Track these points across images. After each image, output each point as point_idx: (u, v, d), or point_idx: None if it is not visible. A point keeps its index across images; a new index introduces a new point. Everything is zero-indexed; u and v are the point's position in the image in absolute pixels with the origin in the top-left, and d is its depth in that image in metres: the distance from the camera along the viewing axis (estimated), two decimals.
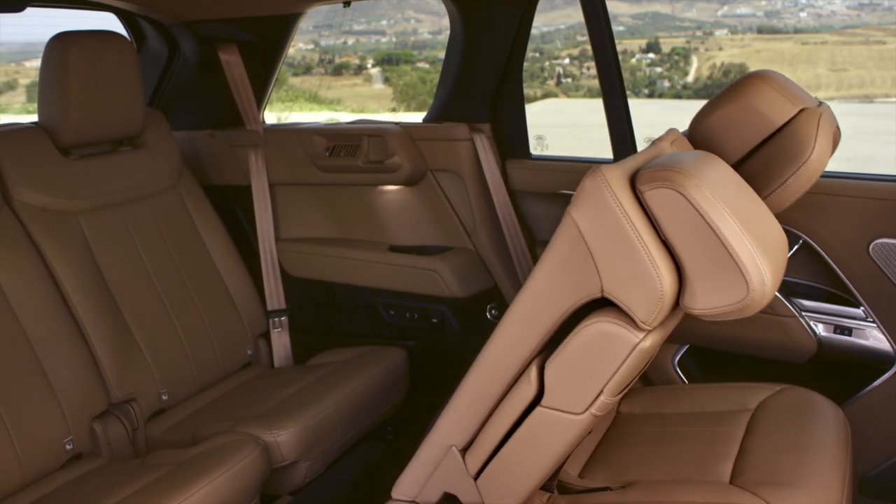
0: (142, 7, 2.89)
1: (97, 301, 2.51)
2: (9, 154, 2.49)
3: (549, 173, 2.87)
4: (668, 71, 13.33)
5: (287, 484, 2.40)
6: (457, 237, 3.01)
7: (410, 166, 2.94)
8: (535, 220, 2.97)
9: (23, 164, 2.50)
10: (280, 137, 3.15)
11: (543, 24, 13.25)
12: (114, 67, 2.60)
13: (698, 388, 2.36)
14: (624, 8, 13.37)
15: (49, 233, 2.49)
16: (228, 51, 3.03)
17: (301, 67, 17.09)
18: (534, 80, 14.04)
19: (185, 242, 2.86)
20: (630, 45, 13.34)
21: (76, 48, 2.51)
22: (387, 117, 3.16)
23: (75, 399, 2.35)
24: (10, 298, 2.31)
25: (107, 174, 2.70)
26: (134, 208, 2.75)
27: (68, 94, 2.52)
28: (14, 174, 2.47)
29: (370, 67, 16.80)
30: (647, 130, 7.80)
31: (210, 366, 2.78)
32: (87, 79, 2.53)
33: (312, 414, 2.39)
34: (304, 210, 3.21)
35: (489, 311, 2.94)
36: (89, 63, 2.53)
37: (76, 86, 2.52)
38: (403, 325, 3.04)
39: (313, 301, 3.17)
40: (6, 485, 2.18)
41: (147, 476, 2.15)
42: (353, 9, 2.98)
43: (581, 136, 4.29)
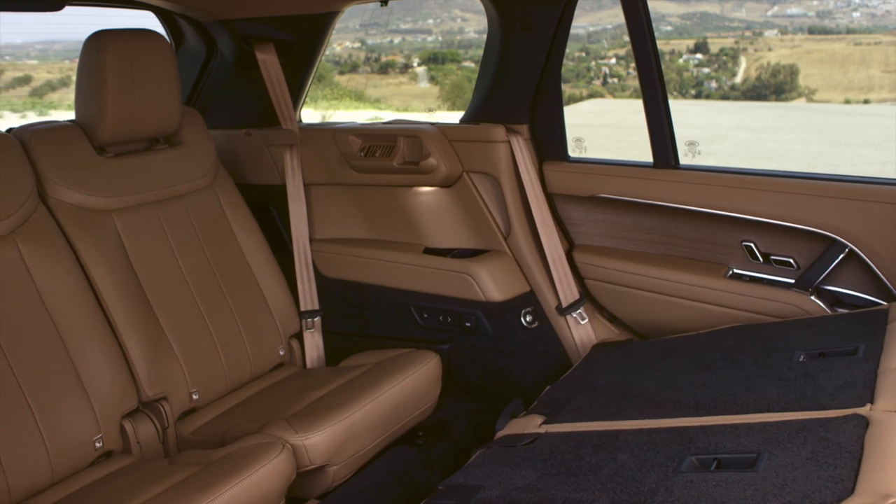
0: (180, 6, 2.89)
1: (130, 299, 2.51)
2: (45, 152, 2.50)
3: (587, 176, 2.81)
4: (715, 72, 13.12)
5: (314, 488, 2.38)
6: (492, 240, 2.96)
7: (446, 168, 2.90)
8: (573, 223, 2.92)
9: (59, 162, 2.51)
10: (315, 137, 3.13)
11: (590, 23, 13.13)
12: (150, 66, 2.60)
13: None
14: (672, 8, 13.19)
15: (84, 230, 2.49)
16: (265, 49, 3.01)
17: (347, 65, 17.18)
18: (579, 79, 13.92)
19: (220, 242, 2.85)
20: (678, 46, 13.16)
21: (113, 46, 2.51)
22: (423, 117, 3.13)
23: (106, 397, 2.35)
24: (44, 296, 2.32)
25: (142, 172, 2.70)
26: (169, 207, 2.75)
27: (104, 93, 2.53)
28: (50, 172, 2.48)
29: (416, 66, 16.82)
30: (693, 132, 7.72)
31: (241, 366, 2.77)
32: (123, 77, 2.53)
33: (341, 417, 2.36)
34: (338, 210, 3.19)
35: (524, 317, 2.89)
36: (126, 61, 2.53)
37: (112, 84, 2.52)
38: (437, 328, 3.00)
39: (346, 302, 3.15)
40: (37, 481, 2.19)
41: (173, 476, 2.14)
42: (399, 7, 2.96)
43: (625, 137, 4.23)
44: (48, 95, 17.77)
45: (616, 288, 2.82)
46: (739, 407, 1.92)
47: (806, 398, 1.88)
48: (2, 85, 18.52)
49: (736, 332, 2.43)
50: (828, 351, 2.11)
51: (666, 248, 2.76)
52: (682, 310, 2.69)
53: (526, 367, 2.89)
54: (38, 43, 19.07)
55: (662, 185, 2.66)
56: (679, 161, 2.68)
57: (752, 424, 1.81)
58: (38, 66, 19.05)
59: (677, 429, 1.90)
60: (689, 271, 2.68)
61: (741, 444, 1.73)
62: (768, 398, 1.93)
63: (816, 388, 1.91)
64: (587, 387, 2.31)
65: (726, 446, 1.75)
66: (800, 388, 1.94)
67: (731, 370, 2.14)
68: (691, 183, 2.61)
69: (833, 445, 1.63)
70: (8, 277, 2.27)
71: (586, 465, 1.83)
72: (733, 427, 1.82)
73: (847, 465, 1.55)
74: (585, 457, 1.87)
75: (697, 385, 2.11)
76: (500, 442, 2.10)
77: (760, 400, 1.93)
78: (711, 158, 9.80)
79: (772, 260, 2.58)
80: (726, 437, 1.78)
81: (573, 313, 2.84)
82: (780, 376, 2.02)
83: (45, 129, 2.56)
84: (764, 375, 2.05)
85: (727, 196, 2.56)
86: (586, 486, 1.75)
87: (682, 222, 2.69)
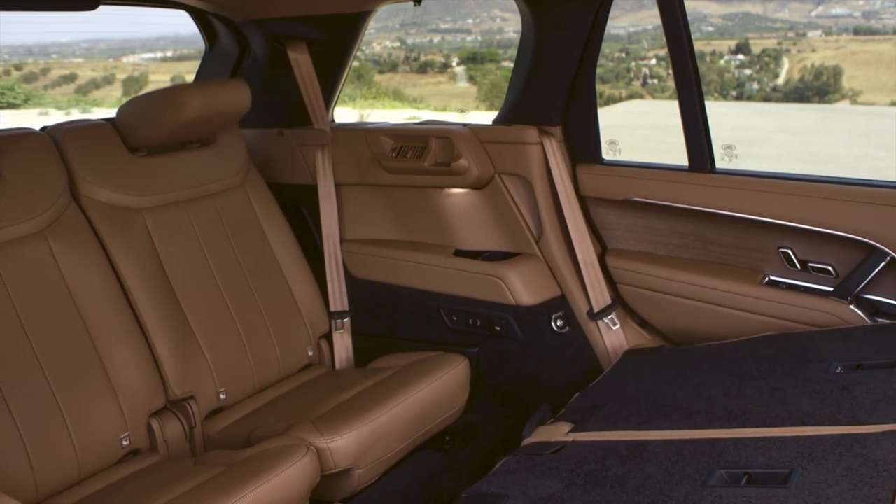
0: (213, 5, 2.89)
1: (159, 298, 2.52)
2: (77, 151, 2.52)
3: (620, 179, 2.76)
4: (757, 73, 12.93)
5: (338, 491, 2.36)
6: (523, 243, 2.92)
7: (478, 169, 2.87)
8: (606, 227, 2.87)
9: (91, 161, 2.53)
10: (347, 137, 3.12)
11: (630, 23, 13.02)
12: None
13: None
14: (713, 8, 13.02)
15: (115, 228, 2.50)
16: (297, 49, 3.01)
17: (386, 65, 17.25)
18: (619, 80, 13.82)
19: (250, 241, 2.85)
20: (719, 46, 12.99)
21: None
22: (456, 118, 3.10)
23: (133, 395, 2.36)
24: (74, 293, 2.33)
25: (174, 171, 2.71)
26: (199, 205, 2.75)
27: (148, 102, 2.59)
28: (82, 170, 2.50)
29: (455, 66, 16.84)
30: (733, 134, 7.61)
31: (269, 366, 2.76)
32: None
33: (367, 421, 2.34)
34: (369, 211, 3.17)
35: (554, 321, 2.85)
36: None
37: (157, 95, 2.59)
38: (466, 331, 2.97)
39: (376, 303, 3.13)
40: (64, 478, 2.20)
41: (198, 477, 2.14)
42: (439, 7, 2.94)
43: (664, 139, 4.18)
44: (92, 93, 18.09)
45: (649, 293, 2.77)
46: (772, 419, 1.87)
47: (842, 412, 1.82)
48: (48, 82, 18.90)
49: (771, 341, 2.37)
50: (866, 363, 2.04)
51: (700, 253, 2.71)
52: (715, 317, 2.63)
53: (555, 373, 2.85)
54: (83, 41, 19.44)
55: (698, 189, 2.61)
56: (715, 165, 2.63)
57: (786, 438, 1.76)
58: (84, 64, 19.41)
59: (707, 440, 1.85)
60: (724, 277, 2.62)
61: (773, 459, 1.68)
62: (803, 411, 1.87)
63: (853, 401, 1.85)
64: (617, 395, 2.27)
65: (758, 460, 1.69)
66: (836, 401, 1.88)
67: (765, 381, 2.08)
68: (727, 187, 2.55)
69: (870, 463, 1.58)
70: (39, 275, 2.28)
71: (613, 477, 1.79)
72: (765, 440, 1.77)
73: (884, 485, 1.49)
74: (612, 467, 1.83)
75: (730, 395, 2.06)
76: (527, 449, 2.07)
77: (794, 413, 1.87)
78: (752, 161, 9.65)
79: (809, 267, 2.52)
80: (758, 451, 1.73)
81: (604, 318, 2.79)
82: (816, 388, 1.97)
83: (78, 128, 2.58)
84: (799, 387, 2.00)
85: (764, 201, 2.50)
86: (612, 498, 1.71)
87: (718, 227, 2.63)
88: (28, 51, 18.92)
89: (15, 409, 2.12)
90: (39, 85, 18.38)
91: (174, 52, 17.80)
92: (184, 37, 3.93)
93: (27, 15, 3.71)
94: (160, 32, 17.55)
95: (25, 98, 16.50)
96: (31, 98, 16.66)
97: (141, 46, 18.88)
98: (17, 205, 2.29)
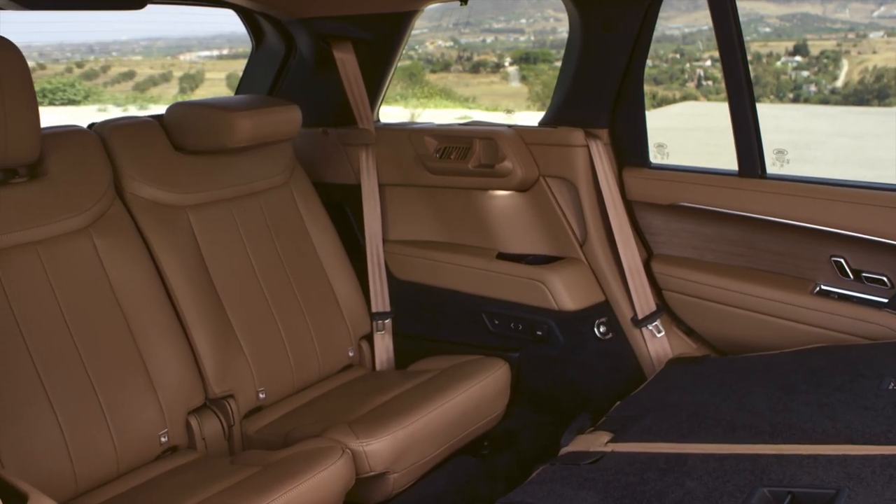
0: (260, 4, 2.90)
1: (201, 295, 2.53)
2: (123, 148, 2.53)
3: (668, 184, 2.70)
4: (815, 75, 12.64)
5: (374, 495, 2.34)
6: (567, 247, 2.88)
7: (522, 171, 2.83)
8: (652, 233, 2.81)
9: (136, 158, 2.54)
10: (391, 137, 3.10)
11: (685, 24, 12.83)
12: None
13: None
14: (771, 9, 12.77)
15: (158, 226, 2.52)
16: (343, 48, 3.00)
17: (439, 64, 17.27)
18: (673, 81, 13.63)
19: (293, 239, 2.85)
20: (776, 48, 12.73)
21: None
22: (501, 118, 3.06)
23: (173, 392, 2.37)
24: (117, 290, 2.35)
25: (219, 169, 2.72)
26: (243, 203, 2.76)
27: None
28: (127, 168, 2.52)
29: (507, 66, 16.78)
30: (788, 137, 7.39)
31: (309, 366, 2.76)
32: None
33: (404, 424, 2.32)
34: (412, 212, 3.15)
35: (597, 327, 2.80)
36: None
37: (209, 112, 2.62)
38: (507, 335, 2.94)
39: (417, 305, 3.11)
40: (103, 473, 2.22)
41: (234, 476, 2.14)
42: (493, 7, 2.91)
43: (717, 142, 4.09)
44: (149, 90, 18.42)
45: (695, 301, 2.70)
46: (819, 436, 1.80)
47: (893, 431, 1.75)
48: (108, 80, 19.30)
49: (821, 353, 2.29)
50: None
51: (749, 260, 2.63)
52: (763, 327, 2.55)
53: (597, 380, 2.80)
54: (142, 39, 19.81)
55: (747, 195, 2.54)
56: (766, 170, 2.55)
57: (832, 457, 1.69)
58: (142, 61, 19.78)
59: (750, 456, 1.79)
60: (773, 286, 2.55)
61: (818, 479, 1.62)
62: (851, 428, 1.80)
63: None
64: (659, 405, 2.21)
65: (802, 479, 1.63)
66: (887, 419, 1.80)
67: (813, 395, 2.01)
68: (778, 193, 2.48)
69: None
70: (83, 271, 2.31)
71: (651, 491, 1.74)
72: (811, 458, 1.70)
73: None
74: (650, 481, 1.78)
75: (776, 409, 1.99)
76: (564, 459, 2.03)
77: (843, 430, 1.80)
78: (808, 165, 9.45)
79: (863, 277, 2.43)
80: (803, 470, 1.67)
81: (649, 326, 2.74)
82: (867, 405, 1.89)
83: (125, 125, 2.60)
84: (848, 403, 1.92)
85: (816, 208, 2.42)
86: None
87: (767, 234, 2.56)
88: (90, 49, 19.37)
89: (56, 402, 2.14)
90: (99, 82, 18.78)
91: (230, 50, 18.04)
92: (239, 35, 4.03)
93: (89, 14, 3.78)
94: (217, 31, 17.81)
95: (85, 95, 16.86)
96: (90, 95, 17.03)
97: (198, 44, 19.18)
98: (62, 201, 2.31)
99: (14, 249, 2.19)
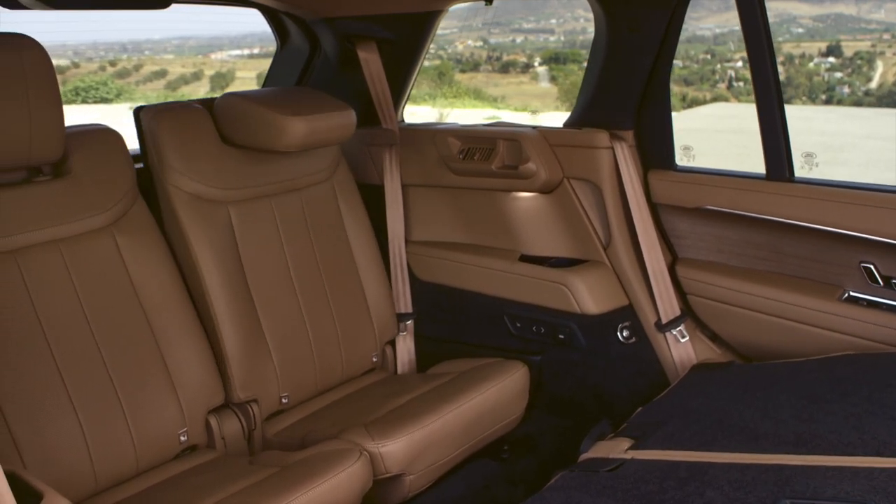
0: (285, 3, 2.89)
1: (235, 297, 2.51)
2: (171, 137, 2.49)
3: (694, 186, 2.66)
4: (849, 76, 12.44)
5: (390, 497, 2.33)
6: (591, 250, 2.85)
7: (546, 173, 2.80)
8: (677, 236, 2.77)
9: (183, 151, 2.50)
10: (415, 137, 3.09)
11: (717, 24, 12.70)
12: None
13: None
14: (804, 9, 12.60)
15: (198, 220, 2.49)
16: (367, 48, 2.99)
17: (468, 64, 17.25)
18: (704, 82, 13.50)
19: (330, 238, 2.81)
20: (809, 48, 12.55)
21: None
22: (526, 118, 3.03)
23: (193, 392, 2.37)
24: (138, 288, 2.35)
25: (265, 165, 2.67)
26: (284, 199, 2.72)
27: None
28: (172, 159, 2.48)
29: (537, 66, 16.73)
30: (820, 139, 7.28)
31: (333, 371, 2.74)
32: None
33: (420, 426, 2.30)
34: (434, 213, 3.13)
35: (620, 331, 2.76)
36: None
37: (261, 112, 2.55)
38: (529, 338, 2.91)
39: (439, 307, 3.09)
40: (122, 470, 2.23)
41: (252, 476, 2.14)
42: (522, 7, 2.88)
43: (747, 144, 4.05)
44: (181, 88, 18.57)
45: (720, 305, 2.66)
46: (845, 447, 1.76)
47: None
48: (140, 78, 19.50)
49: (849, 361, 2.24)
50: None
51: (775, 265, 2.59)
52: (790, 333, 2.51)
53: (619, 385, 2.77)
54: (174, 38, 19.98)
55: (775, 199, 2.49)
56: (794, 173, 2.50)
57: (858, 469, 1.65)
58: (174, 60, 19.95)
59: (773, 466, 1.75)
60: (800, 292, 2.50)
61: (843, 491, 1.58)
62: (879, 440, 1.75)
63: None
64: (681, 411, 2.18)
65: (826, 492, 1.59)
66: None
67: (840, 404, 1.97)
68: (806, 197, 2.43)
69: None
70: (104, 269, 2.31)
71: (670, 500, 1.70)
72: (836, 470, 1.66)
73: None
74: (670, 490, 1.75)
75: (800, 418, 1.95)
76: (583, 465, 2.00)
77: (870, 441, 1.76)
78: (841, 168, 9.31)
79: (893, 284, 2.37)
80: (827, 481, 1.63)
81: (673, 330, 2.70)
82: (895, 416, 1.85)
83: (174, 112, 2.55)
84: (876, 413, 1.88)
85: (846, 213, 2.37)
86: None
87: (795, 239, 2.51)
88: (123, 47, 19.58)
89: (76, 400, 2.15)
90: (132, 80, 18.98)
91: (260, 49, 18.14)
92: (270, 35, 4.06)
93: (123, 14, 3.79)
94: (248, 30, 17.93)
95: (117, 93, 17.05)
96: (122, 93, 17.21)
97: (229, 43, 19.32)
98: (85, 200, 2.32)
99: (37, 247, 2.20)
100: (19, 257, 2.15)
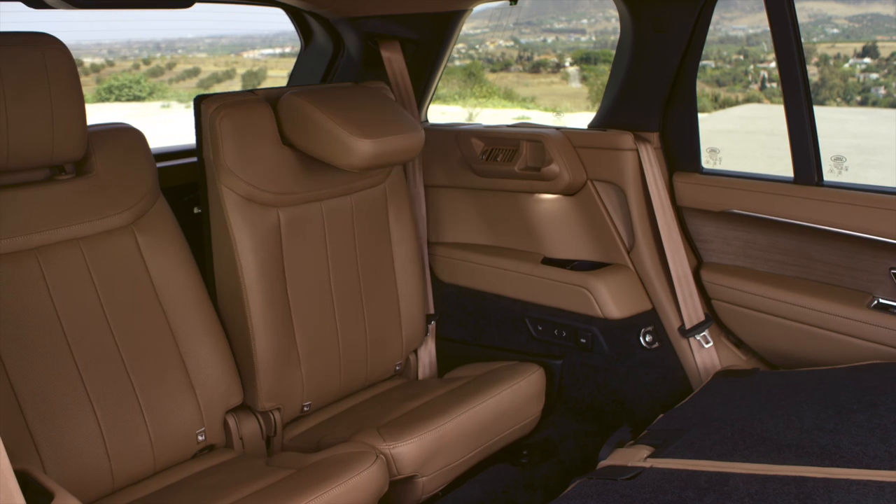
0: (308, 3, 2.88)
1: (272, 305, 2.46)
2: (232, 135, 2.40)
3: (720, 190, 2.62)
4: (885, 77, 12.23)
5: (403, 499, 2.31)
6: (614, 253, 2.81)
7: (569, 175, 2.77)
8: (702, 240, 2.73)
9: (242, 152, 2.41)
10: (438, 138, 3.07)
11: (749, 25, 12.55)
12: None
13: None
14: (839, 9, 12.41)
15: (246, 223, 2.42)
16: (390, 47, 2.97)
17: (499, 64, 17.21)
18: (736, 83, 13.36)
19: (372, 243, 2.74)
20: (844, 49, 12.36)
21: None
22: (551, 119, 3.00)
23: (211, 391, 2.37)
24: (158, 287, 2.34)
25: (322, 169, 2.57)
26: (334, 203, 2.63)
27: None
28: (230, 159, 2.39)
29: (568, 66, 16.64)
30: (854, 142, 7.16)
31: (356, 379, 2.71)
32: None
33: (431, 428, 2.28)
34: (457, 214, 3.11)
35: (643, 336, 2.72)
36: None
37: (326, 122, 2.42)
38: (551, 342, 2.88)
39: (461, 309, 3.07)
40: (139, 469, 2.23)
41: (268, 478, 2.13)
42: (554, 6, 2.84)
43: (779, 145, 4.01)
44: (213, 87, 18.73)
45: (745, 311, 2.61)
46: (870, 460, 1.71)
47: None
48: (173, 76, 19.68)
49: (876, 370, 2.19)
50: None
51: (803, 271, 2.54)
52: (816, 340, 2.45)
53: (641, 391, 2.73)
54: (207, 37, 20.15)
55: (802, 203, 2.44)
56: (823, 177, 2.45)
57: (884, 484, 1.60)
58: (206, 59, 20.11)
59: (795, 479, 1.71)
60: (828, 298, 2.44)
61: None
62: None
63: None
64: (703, 419, 2.14)
65: None
66: None
67: (866, 415, 1.92)
68: (835, 202, 2.38)
69: None
70: (125, 268, 2.31)
71: None
72: (860, 484, 1.62)
73: None
74: (689, 500, 1.71)
75: (825, 429, 1.90)
76: (601, 473, 1.97)
77: None
78: (874, 171, 9.16)
79: None
80: (851, 496, 1.58)
81: (697, 336, 2.65)
82: None
83: (239, 107, 2.44)
84: None
85: (876, 218, 2.31)
86: None
87: (823, 244, 2.46)
88: (156, 46, 19.78)
89: (95, 398, 2.15)
90: (165, 79, 19.15)
91: (292, 48, 18.20)
92: None
93: (156, 13, 3.82)
94: (279, 29, 18.04)
95: (150, 91, 17.21)
96: (155, 91, 17.38)
97: (261, 42, 19.43)
98: (107, 198, 2.32)
99: (58, 245, 2.20)
100: (40, 255, 2.16)
